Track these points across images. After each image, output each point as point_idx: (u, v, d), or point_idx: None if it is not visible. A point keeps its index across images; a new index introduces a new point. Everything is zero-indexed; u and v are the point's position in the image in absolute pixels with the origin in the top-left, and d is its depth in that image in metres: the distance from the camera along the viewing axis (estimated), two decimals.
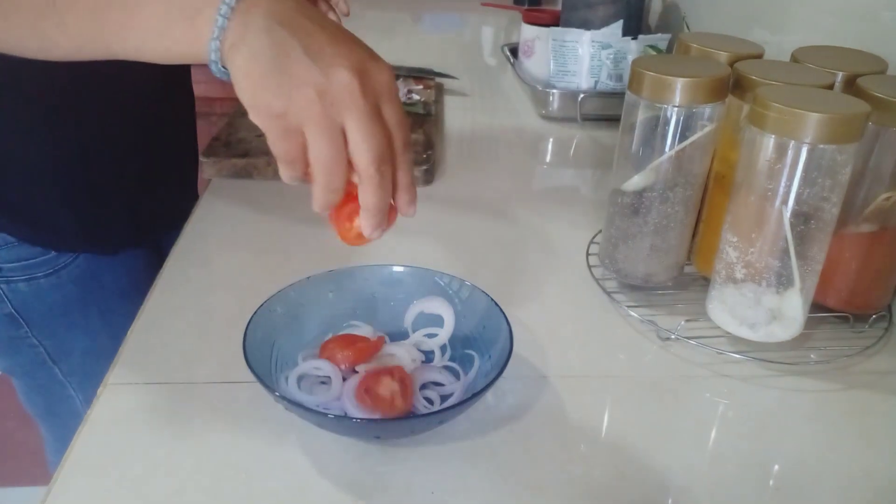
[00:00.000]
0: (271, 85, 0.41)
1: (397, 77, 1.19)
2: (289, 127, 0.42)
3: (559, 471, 0.51)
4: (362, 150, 0.42)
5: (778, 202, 0.57)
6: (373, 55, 0.44)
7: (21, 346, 0.83)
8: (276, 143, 0.43)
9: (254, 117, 0.42)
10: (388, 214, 0.46)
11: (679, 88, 0.60)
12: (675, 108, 0.61)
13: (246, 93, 0.42)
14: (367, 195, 0.44)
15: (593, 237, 0.79)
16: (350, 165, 0.43)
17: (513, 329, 0.55)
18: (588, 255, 0.76)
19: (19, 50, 0.47)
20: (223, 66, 0.43)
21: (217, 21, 0.41)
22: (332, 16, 1.05)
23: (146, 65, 0.46)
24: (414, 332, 0.60)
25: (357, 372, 0.55)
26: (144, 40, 0.44)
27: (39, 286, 0.79)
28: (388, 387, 0.52)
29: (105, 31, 0.45)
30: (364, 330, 0.59)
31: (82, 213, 0.79)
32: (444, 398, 0.54)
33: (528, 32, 1.22)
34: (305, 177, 0.44)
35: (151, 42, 0.44)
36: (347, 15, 1.04)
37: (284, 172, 0.44)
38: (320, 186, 0.43)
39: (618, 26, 1.11)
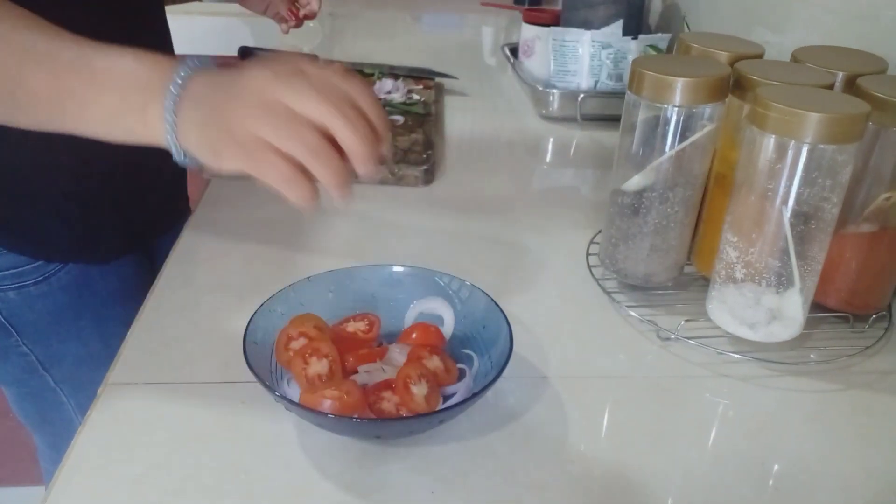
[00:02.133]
0: (217, 127, 0.46)
1: (397, 77, 1.19)
2: (258, 155, 0.45)
3: (559, 471, 0.51)
4: (312, 106, 0.44)
5: (778, 202, 0.57)
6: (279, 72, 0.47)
7: (11, 354, 0.82)
8: (265, 173, 0.45)
9: (219, 163, 0.47)
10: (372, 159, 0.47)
11: (679, 88, 0.60)
12: (676, 108, 0.61)
13: (205, 152, 0.47)
14: (344, 137, 0.45)
15: (593, 237, 0.79)
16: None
17: (513, 329, 0.55)
18: (588, 255, 0.76)
19: None
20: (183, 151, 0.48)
21: (167, 118, 0.47)
22: (303, 12, 1.14)
23: None
24: None
25: (358, 372, 0.55)
26: (100, 127, 0.49)
27: (29, 294, 0.78)
28: (390, 401, 0.52)
29: (65, 119, 0.49)
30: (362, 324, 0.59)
31: (73, 224, 0.78)
32: (445, 398, 0.54)
33: (528, 32, 1.22)
34: (310, 193, 0.47)
35: (107, 129, 0.49)
36: (316, 14, 1.17)
37: (292, 193, 0.46)
38: (321, 171, 0.45)
39: (618, 26, 1.11)
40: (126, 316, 0.65)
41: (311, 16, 1.21)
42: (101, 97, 0.47)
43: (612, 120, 1.09)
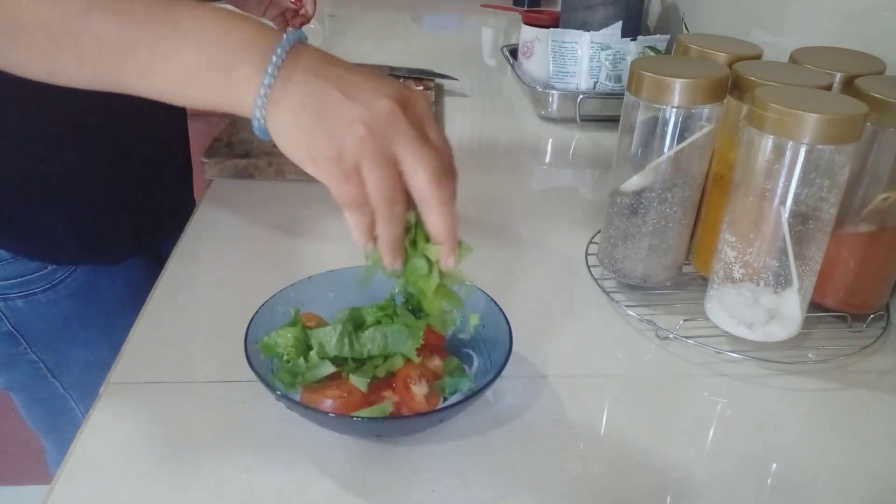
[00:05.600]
0: (322, 131, 0.41)
1: (397, 78, 1.20)
2: (347, 168, 0.42)
3: (558, 469, 0.51)
4: (418, 172, 0.42)
5: (776, 202, 0.57)
6: (405, 85, 0.45)
7: (19, 362, 0.82)
8: (340, 189, 0.42)
9: (312, 168, 0.42)
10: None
11: (678, 89, 0.60)
12: (674, 109, 0.62)
13: (299, 146, 0.42)
14: (433, 217, 0.44)
15: (592, 237, 0.79)
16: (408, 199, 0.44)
17: (512, 328, 0.55)
18: (587, 255, 0.76)
19: (21, 71, 0.45)
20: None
21: (264, 80, 0.41)
22: (296, 21, 1.10)
23: None
24: None
25: None
26: (170, 84, 0.44)
27: (37, 302, 0.77)
28: (389, 400, 0.52)
29: (127, 70, 0.43)
30: None
31: (80, 224, 0.78)
32: (445, 397, 0.54)
33: (528, 34, 1.22)
34: (369, 230, 0.45)
35: (178, 87, 0.44)
36: (311, 18, 1.10)
37: (354, 221, 0.44)
38: (384, 218, 0.43)
39: (617, 27, 1.11)
40: (133, 321, 0.64)
41: (305, 20, 1.20)
42: (181, 49, 0.42)
43: (611, 121, 1.09)
